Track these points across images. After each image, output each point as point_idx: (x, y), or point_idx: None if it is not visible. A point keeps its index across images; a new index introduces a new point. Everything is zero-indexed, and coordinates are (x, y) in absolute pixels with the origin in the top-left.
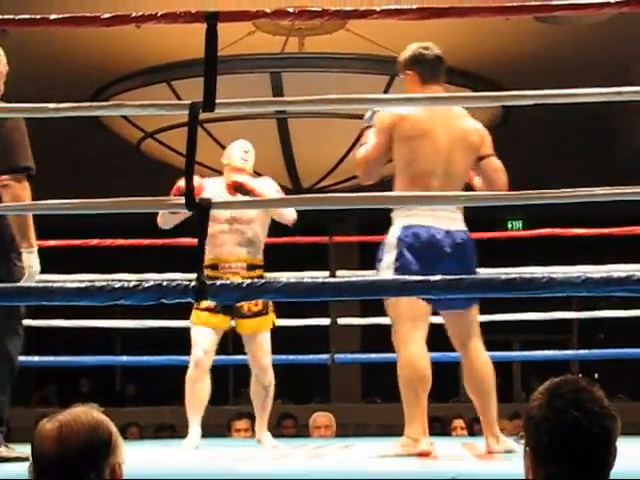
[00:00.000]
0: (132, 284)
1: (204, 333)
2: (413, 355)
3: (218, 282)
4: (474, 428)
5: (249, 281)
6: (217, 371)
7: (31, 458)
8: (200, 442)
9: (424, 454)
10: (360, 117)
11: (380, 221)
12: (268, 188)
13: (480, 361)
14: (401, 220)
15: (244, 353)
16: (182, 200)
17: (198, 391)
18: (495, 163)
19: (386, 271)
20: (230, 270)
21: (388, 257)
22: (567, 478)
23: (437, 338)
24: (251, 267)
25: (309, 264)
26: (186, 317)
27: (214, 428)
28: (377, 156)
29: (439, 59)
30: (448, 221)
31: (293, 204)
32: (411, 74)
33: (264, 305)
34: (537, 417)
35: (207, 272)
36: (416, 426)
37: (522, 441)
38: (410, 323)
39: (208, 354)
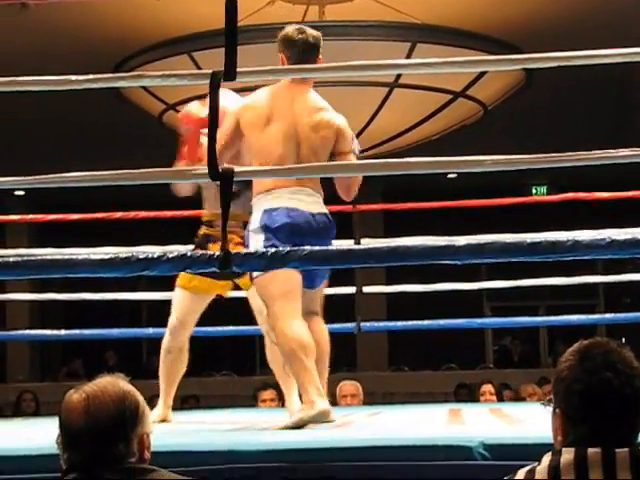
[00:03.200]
0: (156, 255)
1: (185, 299)
2: (287, 326)
3: (243, 251)
4: (503, 394)
5: (273, 250)
6: (244, 341)
7: (59, 429)
8: (167, 415)
9: (324, 413)
10: (382, 84)
11: (404, 189)
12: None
13: (317, 332)
14: (263, 205)
15: None
16: (205, 170)
17: (170, 362)
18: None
19: None
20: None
21: (255, 244)
22: (598, 438)
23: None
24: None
25: None
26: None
27: (242, 399)
28: (224, 143)
29: (309, 44)
30: (310, 205)
31: (316, 172)
32: (281, 56)
33: None
34: (568, 378)
35: (204, 229)
36: (310, 391)
37: (550, 405)
38: (281, 301)
39: (186, 323)
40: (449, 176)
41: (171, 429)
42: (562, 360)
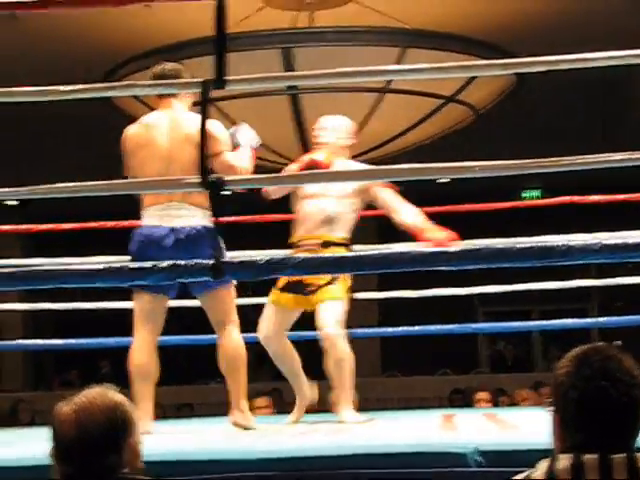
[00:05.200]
0: (148, 264)
1: (270, 312)
2: (133, 350)
3: (235, 259)
4: (498, 400)
5: (267, 257)
6: None
7: (51, 442)
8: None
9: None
10: (372, 90)
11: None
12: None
13: (226, 344)
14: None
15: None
16: (197, 179)
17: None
18: (226, 159)
19: None
20: (305, 247)
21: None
22: (594, 446)
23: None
24: (326, 244)
25: None
26: None
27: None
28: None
29: (158, 77)
30: (174, 219)
31: (313, 179)
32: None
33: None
34: (565, 385)
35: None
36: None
37: (550, 408)
38: (137, 324)
39: (269, 334)
40: (439, 181)
41: (163, 438)
42: (560, 365)
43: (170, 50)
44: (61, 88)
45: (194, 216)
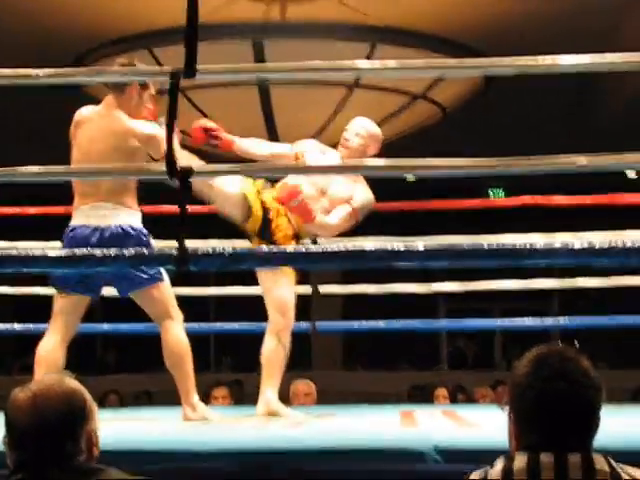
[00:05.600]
0: (113, 252)
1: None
2: (45, 343)
3: (199, 250)
4: (457, 397)
5: (231, 249)
6: (198, 339)
7: (5, 428)
8: None
9: None
10: (342, 84)
11: None
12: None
13: (167, 340)
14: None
15: (226, 320)
16: (163, 167)
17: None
18: None
19: None
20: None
21: None
22: (550, 446)
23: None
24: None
25: None
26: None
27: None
28: None
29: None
30: (100, 218)
31: (278, 172)
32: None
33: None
34: (522, 385)
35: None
36: None
37: (507, 408)
38: (57, 317)
39: None
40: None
41: (121, 427)
42: (518, 366)
43: (141, 38)
44: (32, 72)
45: (119, 215)
